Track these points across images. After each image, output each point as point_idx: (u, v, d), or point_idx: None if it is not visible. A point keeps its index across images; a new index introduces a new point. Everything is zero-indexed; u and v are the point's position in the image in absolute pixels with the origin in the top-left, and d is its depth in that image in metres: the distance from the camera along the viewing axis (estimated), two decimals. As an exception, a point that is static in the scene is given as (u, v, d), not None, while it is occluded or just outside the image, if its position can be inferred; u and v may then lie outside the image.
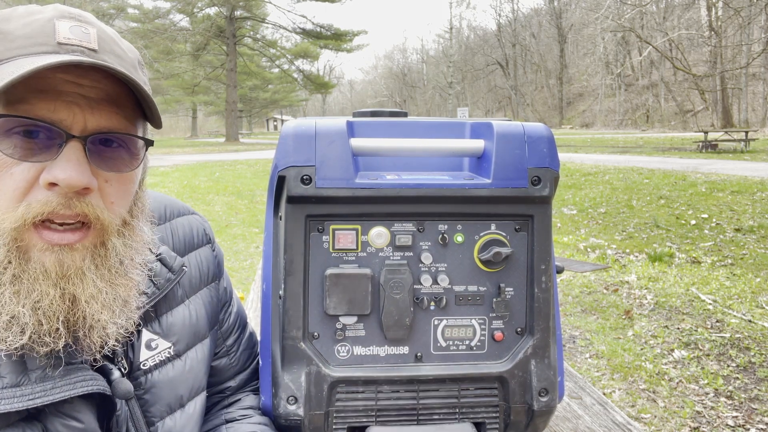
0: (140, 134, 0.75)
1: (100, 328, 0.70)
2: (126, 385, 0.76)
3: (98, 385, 0.71)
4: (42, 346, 0.66)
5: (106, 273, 0.71)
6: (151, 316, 0.86)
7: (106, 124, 0.69)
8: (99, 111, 0.68)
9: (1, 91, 0.60)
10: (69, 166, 0.64)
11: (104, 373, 0.77)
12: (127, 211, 0.75)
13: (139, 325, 0.81)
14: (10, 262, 0.64)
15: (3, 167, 0.64)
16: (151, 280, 0.84)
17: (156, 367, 0.84)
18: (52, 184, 0.64)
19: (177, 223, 0.97)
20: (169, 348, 0.87)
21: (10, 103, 0.63)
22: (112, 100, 0.70)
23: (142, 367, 0.83)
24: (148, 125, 0.79)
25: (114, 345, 0.74)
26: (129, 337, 0.79)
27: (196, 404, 0.90)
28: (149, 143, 0.75)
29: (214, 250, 1.02)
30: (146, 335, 0.84)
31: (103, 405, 0.75)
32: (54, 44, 0.67)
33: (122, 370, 0.79)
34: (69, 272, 0.67)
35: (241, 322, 1.07)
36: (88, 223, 0.68)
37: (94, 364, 0.75)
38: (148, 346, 0.84)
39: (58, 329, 0.67)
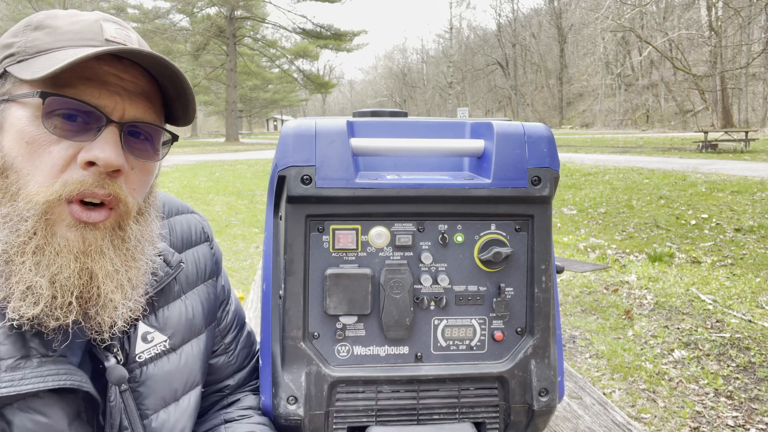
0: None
1: (111, 307, 0.73)
2: (120, 371, 0.78)
3: (74, 379, 0.71)
4: (52, 320, 0.69)
5: (122, 254, 0.75)
6: (148, 309, 0.86)
7: (140, 115, 0.75)
8: (136, 103, 0.74)
9: (53, 75, 0.65)
10: (108, 147, 0.69)
11: (98, 360, 0.78)
12: (143, 200, 0.80)
13: (136, 318, 0.82)
14: (35, 234, 0.67)
15: (42, 145, 0.68)
16: (151, 273, 0.85)
17: (151, 359, 0.85)
18: (90, 164, 0.69)
19: (175, 220, 0.99)
20: (165, 341, 0.88)
21: (57, 86, 0.69)
22: (147, 96, 0.76)
23: (137, 359, 0.83)
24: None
25: (122, 326, 0.77)
26: (132, 323, 0.82)
27: (191, 399, 0.91)
28: (175, 138, 0.82)
29: (212, 248, 1.03)
30: (142, 328, 0.85)
31: (89, 400, 0.76)
32: (102, 40, 0.73)
33: (118, 358, 0.80)
34: (90, 248, 0.70)
35: (239, 321, 1.08)
36: (111, 206, 0.72)
37: (100, 344, 0.78)
38: (144, 339, 0.85)
39: (71, 303, 0.69)
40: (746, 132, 17.86)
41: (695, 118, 39.15)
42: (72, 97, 0.69)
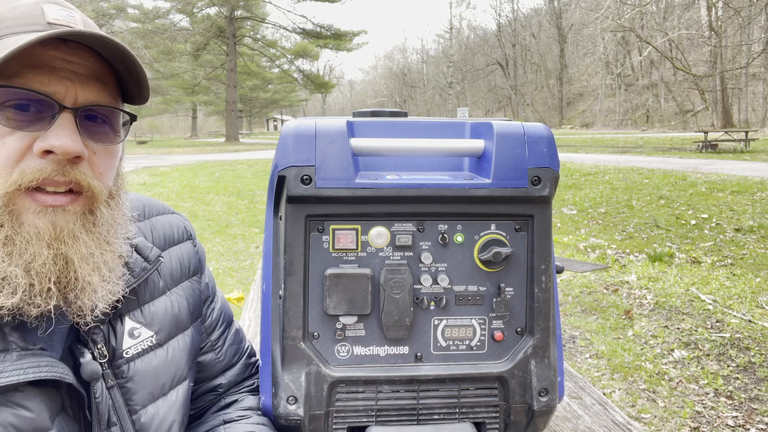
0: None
1: (90, 290, 0.73)
2: (93, 366, 0.77)
3: (54, 372, 0.71)
4: (33, 307, 0.69)
5: (95, 238, 0.74)
6: (134, 305, 0.87)
7: (94, 99, 0.73)
8: (88, 86, 0.73)
9: None
10: (63, 134, 0.68)
11: (75, 356, 0.78)
12: (113, 184, 0.79)
13: (120, 309, 0.83)
14: (2, 225, 0.67)
15: None
16: (128, 268, 0.85)
17: (138, 355, 0.85)
18: (47, 152, 0.68)
19: (156, 220, 1.00)
20: (152, 337, 0.88)
21: (4, 77, 0.67)
22: (98, 78, 0.74)
23: (124, 355, 0.83)
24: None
25: (104, 309, 0.77)
26: (118, 316, 0.82)
27: (179, 392, 0.91)
28: (133, 118, 0.81)
29: (195, 246, 1.04)
30: (129, 324, 0.86)
31: (73, 394, 0.76)
32: (44, 24, 0.71)
33: (95, 355, 0.80)
34: (62, 234, 0.70)
35: (226, 318, 1.09)
36: (78, 191, 0.72)
37: (83, 327, 0.78)
38: (131, 335, 0.85)
39: (50, 289, 0.69)
40: (746, 132, 17.86)
41: (695, 118, 39.15)
42: (20, 87, 0.67)
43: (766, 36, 30.89)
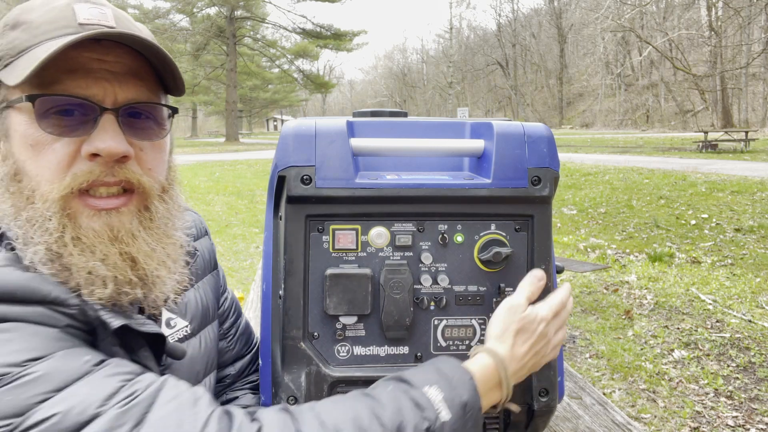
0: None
1: (160, 283, 0.75)
2: (181, 347, 0.81)
3: (163, 333, 0.76)
4: (124, 296, 0.71)
5: (154, 233, 0.75)
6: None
7: (134, 96, 0.74)
8: (126, 84, 0.73)
9: (34, 74, 0.65)
10: (107, 137, 0.69)
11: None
12: (164, 177, 0.80)
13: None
14: (65, 227, 0.69)
15: (45, 144, 0.69)
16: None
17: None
18: (94, 155, 0.69)
19: None
20: (186, 327, 0.91)
21: (44, 84, 0.68)
22: (135, 74, 0.74)
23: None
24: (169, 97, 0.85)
25: (175, 298, 0.79)
26: (178, 296, 0.84)
27: (210, 380, 0.96)
28: (174, 111, 0.81)
29: (211, 241, 1.09)
30: (166, 314, 0.88)
31: None
32: (76, 26, 0.71)
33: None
34: (120, 234, 0.71)
35: (236, 309, 1.13)
36: (131, 189, 0.73)
37: (159, 316, 0.82)
38: (168, 324, 0.88)
39: (131, 279, 0.71)
40: (746, 132, 17.85)
41: (695, 118, 39.15)
42: (60, 94, 0.68)
43: (766, 36, 30.89)
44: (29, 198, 0.69)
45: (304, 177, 0.82)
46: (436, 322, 0.90)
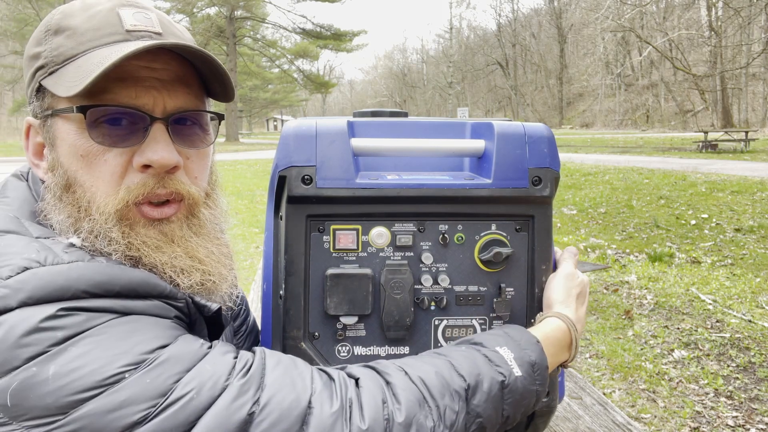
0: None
1: (223, 280, 0.78)
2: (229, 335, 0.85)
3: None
4: (209, 284, 0.75)
5: (205, 237, 0.78)
6: None
7: (182, 104, 0.74)
8: (174, 92, 0.73)
9: (85, 90, 0.65)
10: (159, 147, 0.70)
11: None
12: (207, 183, 0.82)
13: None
14: (128, 235, 0.71)
15: (97, 155, 0.69)
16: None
17: None
18: (146, 166, 0.70)
19: None
20: None
21: (93, 94, 0.68)
22: (182, 81, 0.75)
23: None
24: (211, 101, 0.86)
25: (232, 293, 0.83)
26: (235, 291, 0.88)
27: None
28: (221, 117, 0.82)
29: None
30: None
31: None
32: (123, 32, 0.71)
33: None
34: (175, 239, 0.74)
35: (246, 306, 1.15)
36: (179, 200, 0.74)
37: (226, 311, 0.85)
38: None
39: (209, 271, 0.75)
40: (746, 132, 17.85)
41: (695, 118, 39.15)
42: (110, 104, 0.69)
43: (766, 36, 30.90)
44: (86, 210, 0.70)
45: (305, 177, 0.82)
46: (436, 322, 0.90)
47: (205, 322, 0.79)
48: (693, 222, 7.19)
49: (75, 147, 0.69)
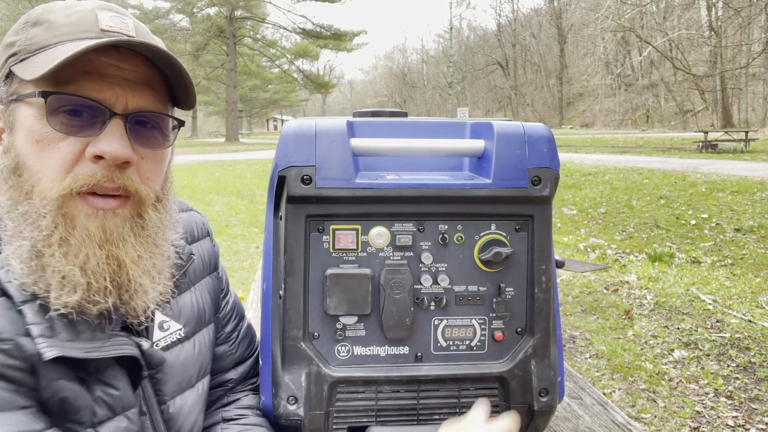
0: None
1: (142, 292, 0.75)
2: (159, 354, 0.81)
3: (133, 350, 0.75)
4: (93, 305, 0.70)
5: (144, 241, 0.76)
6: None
7: (144, 105, 0.75)
8: (138, 92, 0.74)
9: (52, 72, 0.66)
10: (113, 140, 0.70)
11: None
12: (160, 188, 0.81)
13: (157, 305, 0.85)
14: (56, 227, 0.69)
15: (51, 141, 0.69)
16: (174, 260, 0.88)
17: (168, 347, 0.87)
18: (98, 157, 0.70)
19: (180, 217, 1.01)
20: (180, 330, 0.90)
21: (58, 83, 0.69)
22: (148, 83, 0.76)
23: (155, 346, 0.85)
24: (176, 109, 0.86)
25: (156, 308, 0.79)
26: (161, 306, 0.84)
27: (204, 384, 0.94)
28: (181, 123, 0.83)
29: (213, 242, 1.07)
30: (159, 317, 0.88)
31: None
32: (98, 31, 0.73)
33: (151, 343, 0.83)
34: (112, 236, 0.72)
35: (239, 311, 1.12)
36: (126, 196, 0.74)
37: (137, 326, 0.80)
38: (161, 327, 0.88)
39: (106, 287, 0.71)
40: (746, 132, 17.85)
41: (695, 118, 39.14)
42: (73, 94, 0.70)
43: (766, 36, 30.89)
44: (28, 193, 0.69)
45: (305, 177, 0.82)
46: (436, 322, 0.90)
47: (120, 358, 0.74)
48: (693, 222, 7.19)
49: (32, 132, 0.70)
